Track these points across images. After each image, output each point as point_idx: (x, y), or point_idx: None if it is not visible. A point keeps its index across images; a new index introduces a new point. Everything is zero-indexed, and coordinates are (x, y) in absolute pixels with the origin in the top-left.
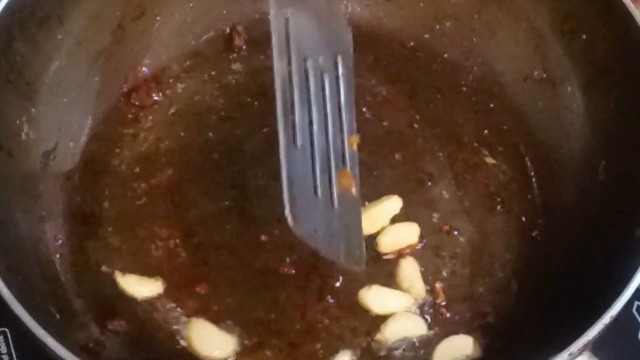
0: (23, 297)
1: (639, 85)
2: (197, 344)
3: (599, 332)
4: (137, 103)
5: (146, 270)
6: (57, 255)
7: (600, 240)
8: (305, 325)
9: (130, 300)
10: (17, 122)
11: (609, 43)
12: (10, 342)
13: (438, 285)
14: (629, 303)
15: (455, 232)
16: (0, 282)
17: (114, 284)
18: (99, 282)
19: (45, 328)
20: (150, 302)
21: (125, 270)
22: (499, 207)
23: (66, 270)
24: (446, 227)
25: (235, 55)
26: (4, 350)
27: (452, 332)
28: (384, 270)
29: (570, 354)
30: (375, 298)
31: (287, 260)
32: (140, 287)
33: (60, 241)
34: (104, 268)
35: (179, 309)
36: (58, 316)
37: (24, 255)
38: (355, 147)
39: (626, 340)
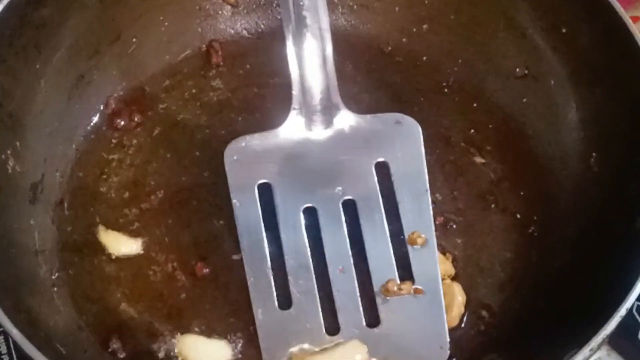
0: (29, 336)
1: (624, 76)
2: (193, 357)
3: (617, 325)
4: (120, 127)
5: (145, 296)
6: (55, 288)
7: (601, 232)
8: None
9: (131, 327)
10: (2, 156)
11: (591, 36)
12: (11, 342)
13: None
14: None
15: (452, 235)
16: (9, 322)
17: (114, 312)
18: (99, 312)
19: None
20: (150, 327)
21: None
22: (492, 205)
23: (65, 303)
24: (442, 229)
25: (214, 72)
26: (4, 350)
27: (458, 335)
28: None
29: (591, 349)
30: None
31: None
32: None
33: (57, 274)
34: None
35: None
36: (64, 351)
37: (23, 292)
38: (419, 242)
39: (626, 340)
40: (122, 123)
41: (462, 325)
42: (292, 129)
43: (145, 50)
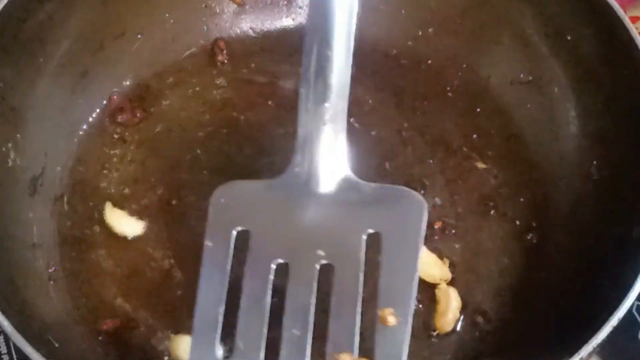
0: (22, 328)
1: (627, 84)
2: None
3: (608, 335)
4: (122, 122)
5: (142, 293)
6: (51, 282)
7: (599, 240)
8: None
9: (128, 324)
10: (3, 148)
11: (595, 43)
12: (11, 342)
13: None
14: None
15: (450, 239)
16: (1, 314)
17: (110, 308)
18: (95, 307)
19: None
20: (145, 323)
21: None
22: (492, 211)
23: (61, 297)
24: (440, 234)
25: (218, 70)
26: (4, 350)
27: (453, 341)
28: None
29: (580, 358)
30: None
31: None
32: None
33: (54, 267)
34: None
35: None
36: (57, 344)
37: (19, 285)
38: (390, 321)
39: (626, 340)
40: (125, 119)
41: (457, 330)
42: (289, 183)
43: (149, 47)
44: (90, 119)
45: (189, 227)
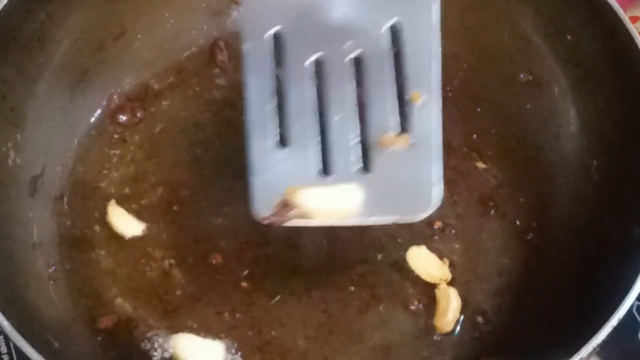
0: (22, 328)
1: (627, 84)
2: (187, 356)
3: (608, 335)
4: (122, 122)
5: (142, 292)
6: (51, 282)
7: (599, 241)
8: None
9: (128, 324)
10: (4, 148)
11: (595, 43)
12: (11, 342)
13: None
14: None
15: (450, 239)
16: (0, 314)
17: (110, 307)
18: (95, 306)
19: (46, 359)
20: (145, 323)
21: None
22: (492, 211)
23: (61, 297)
24: (440, 234)
25: (218, 70)
26: (4, 350)
27: (453, 341)
28: None
29: (580, 359)
30: None
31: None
32: None
33: (54, 267)
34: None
35: (171, 329)
36: (57, 345)
37: (18, 284)
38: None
39: (626, 340)
40: (125, 119)
41: (457, 330)
42: None
43: (149, 47)
44: (91, 119)
45: (188, 227)
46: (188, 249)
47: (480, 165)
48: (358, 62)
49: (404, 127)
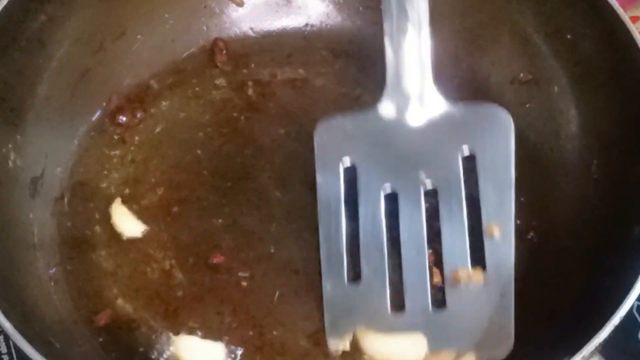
0: (22, 329)
1: (627, 83)
2: (187, 358)
3: (609, 334)
4: (122, 123)
5: (143, 293)
6: (52, 283)
7: (599, 240)
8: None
9: (129, 324)
10: (3, 150)
11: (595, 42)
12: (11, 342)
13: None
14: None
15: None
16: (1, 315)
17: (111, 308)
18: (96, 307)
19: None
20: (146, 324)
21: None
22: None
23: (62, 298)
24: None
25: (218, 70)
26: (4, 350)
27: None
28: None
29: (582, 357)
30: None
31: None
32: None
33: (55, 268)
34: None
35: (172, 330)
36: (58, 345)
37: (19, 285)
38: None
39: (626, 340)
40: (125, 119)
41: None
42: (384, 112)
43: (149, 47)
44: (90, 120)
45: (189, 227)
46: (188, 249)
47: None
48: (432, 193)
49: (479, 262)
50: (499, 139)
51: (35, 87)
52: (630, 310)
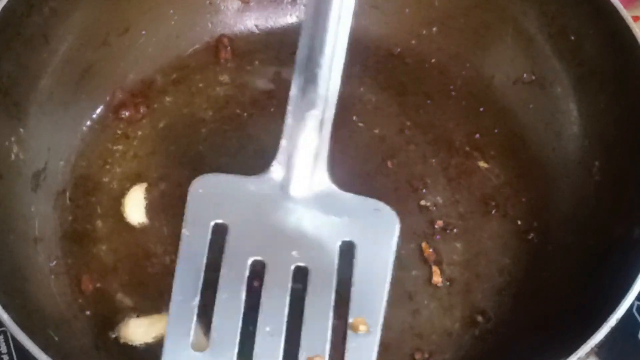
0: (22, 322)
1: (629, 85)
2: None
3: (605, 335)
4: (125, 118)
5: (142, 287)
6: (52, 276)
7: (600, 240)
8: None
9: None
10: (6, 143)
11: (598, 43)
12: (10, 342)
13: None
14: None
15: (451, 239)
16: (1, 308)
17: (111, 302)
18: (96, 301)
19: (46, 352)
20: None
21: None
22: (493, 211)
23: (62, 291)
24: (442, 233)
25: (222, 67)
26: (4, 350)
27: (452, 340)
28: None
29: (578, 359)
30: None
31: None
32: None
33: (55, 262)
34: (100, 287)
35: None
36: (57, 339)
37: (19, 278)
38: (361, 329)
39: (626, 340)
40: (128, 114)
41: (457, 330)
42: (269, 181)
43: (153, 43)
44: (94, 115)
45: None
46: None
47: (483, 164)
48: (301, 274)
49: (337, 355)
50: (382, 235)
51: (38, 81)
52: (630, 310)
